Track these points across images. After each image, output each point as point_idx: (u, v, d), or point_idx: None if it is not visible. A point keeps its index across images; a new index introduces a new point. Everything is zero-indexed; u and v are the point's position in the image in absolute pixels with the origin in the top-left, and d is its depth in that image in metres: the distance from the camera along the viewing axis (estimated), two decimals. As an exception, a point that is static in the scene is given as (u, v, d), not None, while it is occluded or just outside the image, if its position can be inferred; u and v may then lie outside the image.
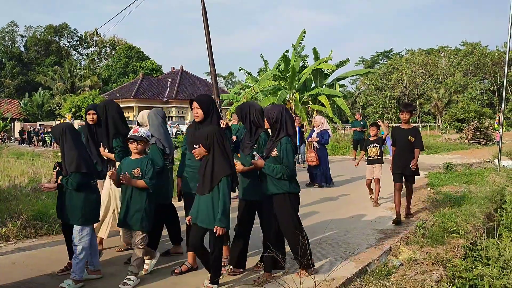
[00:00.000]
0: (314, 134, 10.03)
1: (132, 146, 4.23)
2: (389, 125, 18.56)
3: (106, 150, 4.91)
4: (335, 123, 26.90)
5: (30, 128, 37.81)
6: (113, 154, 4.83)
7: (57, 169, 4.25)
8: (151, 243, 4.94)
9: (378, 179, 7.96)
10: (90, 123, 5.18)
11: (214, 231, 3.75)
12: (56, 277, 4.29)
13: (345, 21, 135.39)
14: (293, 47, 24.04)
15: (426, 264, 4.81)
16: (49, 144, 28.90)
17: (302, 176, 10.04)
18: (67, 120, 31.52)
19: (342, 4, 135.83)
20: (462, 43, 55.58)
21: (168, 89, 44.66)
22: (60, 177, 4.12)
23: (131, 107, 40.06)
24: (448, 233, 5.84)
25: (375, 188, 8.09)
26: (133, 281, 4.06)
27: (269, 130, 4.35)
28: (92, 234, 4.19)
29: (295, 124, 14.92)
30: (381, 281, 4.28)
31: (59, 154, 4.29)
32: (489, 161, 14.29)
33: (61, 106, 44.07)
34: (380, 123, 8.28)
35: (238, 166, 4.08)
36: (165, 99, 43.12)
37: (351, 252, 5.00)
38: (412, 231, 6.01)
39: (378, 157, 8.03)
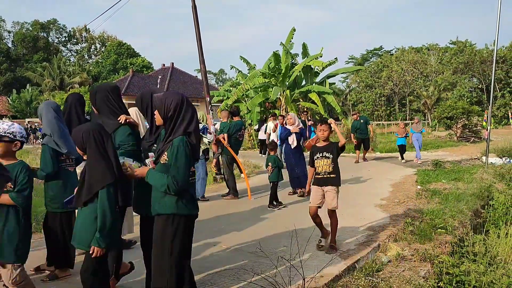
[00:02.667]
0: (291, 138, 8.59)
1: None
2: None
3: None
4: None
5: (27, 125, 37.35)
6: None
7: None
8: (61, 261, 4.22)
9: (334, 210, 5.08)
10: None
11: (90, 251, 2.97)
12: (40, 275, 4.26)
13: (335, 18, 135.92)
14: (283, 45, 24.04)
15: (414, 261, 4.86)
16: None
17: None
18: None
19: (332, 1, 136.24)
20: (451, 42, 56.13)
21: (158, 86, 44.39)
22: None
23: (121, 104, 39.82)
24: (436, 230, 5.91)
25: (330, 225, 5.16)
26: None
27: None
28: None
29: (279, 123, 14.35)
30: (370, 278, 4.31)
31: None
32: (477, 158, 14.45)
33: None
34: (332, 123, 5.35)
35: (130, 171, 3.21)
36: (155, 96, 43.00)
37: (340, 249, 5.04)
38: (400, 228, 6.07)
39: (332, 175, 5.10)
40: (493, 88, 13.71)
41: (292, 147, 8.60)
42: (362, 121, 14.55)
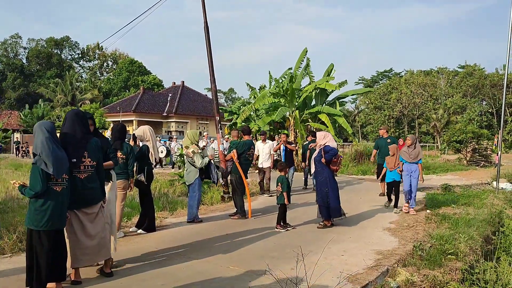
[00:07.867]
0: (315, 153, 8.01)
1: None
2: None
3: None
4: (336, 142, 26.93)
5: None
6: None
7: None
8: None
9: None
10: None
11: None
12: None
13: (346, 39, 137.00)
14: (295, 65, 24.22)
15: (423, 287, 4.78)
16: None
17: (309, 197, 9.99)
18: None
19: (343, 23, 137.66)
20: (459, 66, 56.35)
21: (168, 103, 44.87)
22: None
23: (131, 121, 40.23)
24: (446, 256, 5.82)
25: None
26: None
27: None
28: None
29: (281, 142, 13.89)
30: (378, 303, 4.24)
31: None
32: (488, 183, 14.29)
33: (61, 119, 44.14)
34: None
35: None
36: (165, 114, 43.29)
37: (348, 273, 4.98)
38: (409, 253, 5.99)
39: None
40: (504, 112, 13.65)
41: (312, 171, 8.23)
42: (389, 140, 11.09)
